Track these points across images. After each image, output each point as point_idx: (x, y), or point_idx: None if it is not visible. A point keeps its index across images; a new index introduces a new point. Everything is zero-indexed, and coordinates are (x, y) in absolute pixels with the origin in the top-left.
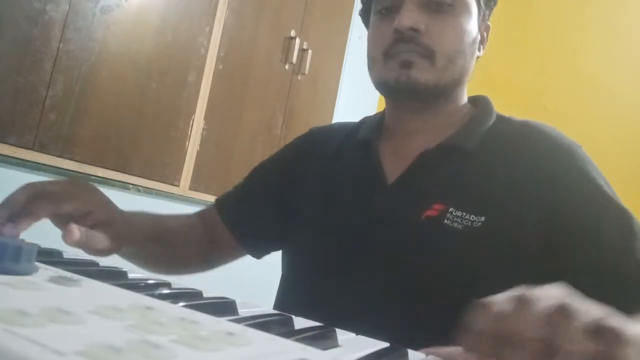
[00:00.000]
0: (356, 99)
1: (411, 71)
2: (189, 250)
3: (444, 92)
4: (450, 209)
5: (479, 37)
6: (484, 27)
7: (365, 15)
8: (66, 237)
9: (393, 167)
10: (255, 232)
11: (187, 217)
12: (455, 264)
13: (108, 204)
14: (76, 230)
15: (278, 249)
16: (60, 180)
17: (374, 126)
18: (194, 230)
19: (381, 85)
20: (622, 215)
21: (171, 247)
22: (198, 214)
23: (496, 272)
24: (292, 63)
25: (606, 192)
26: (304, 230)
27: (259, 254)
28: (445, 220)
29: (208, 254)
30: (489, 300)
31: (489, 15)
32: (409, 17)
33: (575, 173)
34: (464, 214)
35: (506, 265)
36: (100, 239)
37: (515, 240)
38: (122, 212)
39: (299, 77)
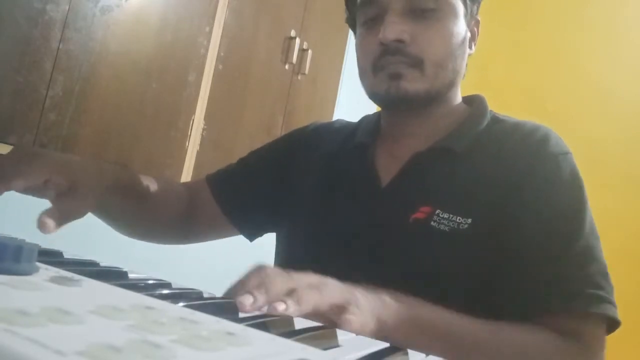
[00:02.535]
0: (356, 99)
1: (401, 82)
2: (166, 211)
3: (437, 97)
4: (437, 211)
5: (468, 34)
6: (473, 23)
7: (352, 24)
8: (42, 231)
9: (387, 171)
10: (246, 211)
11: (171, 183)
12: (442, 265)
13: (65, 166)
14: (50, 223)
15: (270, 231)
16: (6, 154)
17: (370, 129)
18: (176, 195)
19: (373, 96)
20: (570, 229)
21: (147, 204)
22: (184, 183)
23: (484, 272)
24: (292, 63)
25: (564, 206)
26: (300, 230)
27: (250, 235)
28: (432, 223)
29: (187, 223)
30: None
31: (477, 10)
32: (393, 29)
33: (544, 183)
34: (451, 215)
35: (494, 265)
36: (73, 208)
37: (502, 240)
38: (90, 167)
39: (299, 77)
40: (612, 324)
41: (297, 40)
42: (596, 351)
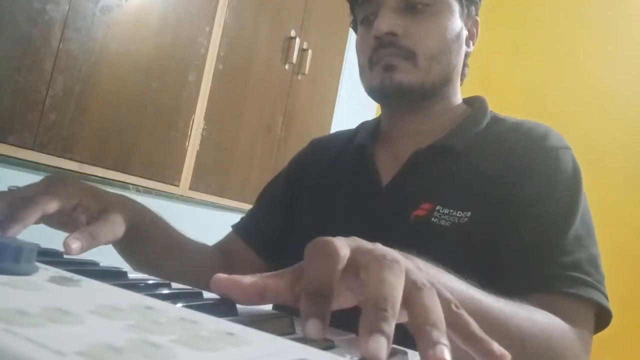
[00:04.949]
0: (356, 98)
1: (394, 74)
2: (205, 264)
3: (432, 90)
4: (438, 207)
5: (465, 32)
6: (471, 23)
7: (355, 26)
8: (67, 252)
9: (388, 170)
10: (277, 249)
11: (202, 243)
12: (445, 260)
13: (96, 192)
14: (74, 244)
15: None
16: (37, 182)
17: (370, 131)
18: (210, 251)
19: (370, 91)
20: (564, 216)
21: (186, 255)
22: (214, 244)
23: (486, 264)
24: (292, 63)
25: (561, 195)
26: (301, 232)
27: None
28: (433, 219)
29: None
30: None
31: (477, 10)
32: (385, 22)
33: (542, 173)
34: (451, 211)
35: (496, 257)
36: (106, 230)
37: (501, 232)
38: (121, 197)
39: (299, 77)
40: (604, 315)
41: (297, 40)
42: (583, 333)
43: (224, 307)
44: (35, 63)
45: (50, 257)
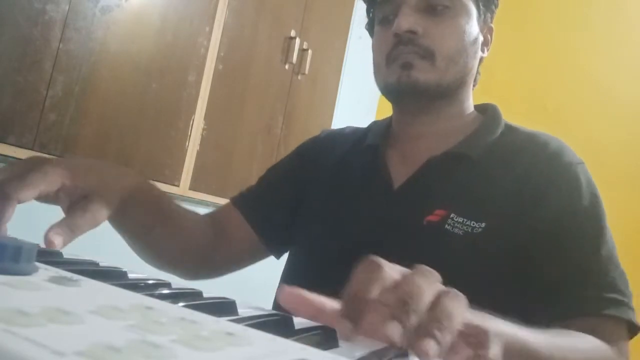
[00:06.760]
0: (356, 98)
1: (412, 72)
2: (192, 235)
3: (447, 92)
4: (452, 215)
5: (481, 38)
6: (486, 29)
7: (370, 28)
8: (49, 247)
9: (400, 172)
10: (275, 229)
11: (193, 211)
12: (455, 268)
13: (79, 172)
14: (57, 240)
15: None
16: (16, 164)
17: (381, 131)
18: (202, 221)
19: (385, 88)
20: (595, 235)
21: (171, 223)
22: (207, 214)
23: (497, 277)
24: (292, 63)
25: (588, 213)
26: (309, 231)
27: (278, 252)
28: (446, 226)
29: (214, 251)
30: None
31: (492, 18)
32: (406, 20)
33: (565, 191)
34: (465, 220)
35: (506, 270)
36: (84, 221)
37: (515, 246)
38: (107, 173)
39: (299, 77)
40: (631, 329)
41: (297, 40)
42: (621, 351)
43: (224, 307)
44: (35, 63)
45: (50, 257)
